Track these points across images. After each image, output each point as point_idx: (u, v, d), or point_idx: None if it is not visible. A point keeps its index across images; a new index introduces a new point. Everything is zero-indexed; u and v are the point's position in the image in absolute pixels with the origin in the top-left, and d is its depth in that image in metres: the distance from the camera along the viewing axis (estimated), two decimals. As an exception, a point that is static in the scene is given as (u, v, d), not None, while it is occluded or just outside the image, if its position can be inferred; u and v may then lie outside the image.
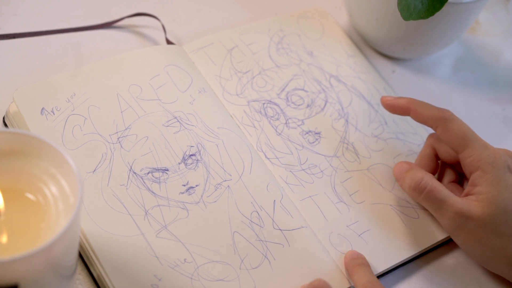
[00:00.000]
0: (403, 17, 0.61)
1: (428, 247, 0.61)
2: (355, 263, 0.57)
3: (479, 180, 0.58)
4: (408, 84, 0.74)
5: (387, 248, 0.60)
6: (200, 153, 0.61)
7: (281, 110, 0.67)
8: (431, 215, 0.63)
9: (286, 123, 0.66)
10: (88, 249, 0.54)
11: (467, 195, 0.59)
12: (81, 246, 0.55)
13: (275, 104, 0.67)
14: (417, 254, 0.61)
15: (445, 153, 0.63)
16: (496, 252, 0.58)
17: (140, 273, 0.54)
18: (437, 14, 0.61)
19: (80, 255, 0.55)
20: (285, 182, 0.62)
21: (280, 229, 0.59)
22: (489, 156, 0.59)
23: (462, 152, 0.60)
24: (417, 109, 0.62)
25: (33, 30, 0.68)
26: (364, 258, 0.58)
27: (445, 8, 0.62)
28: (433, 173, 0.64)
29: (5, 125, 0.61)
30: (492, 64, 0.78)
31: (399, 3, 0.61)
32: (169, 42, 0.70)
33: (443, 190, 0.59)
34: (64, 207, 0.46)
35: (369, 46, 0.75)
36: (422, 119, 0.62)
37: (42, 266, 0.44)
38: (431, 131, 0.69)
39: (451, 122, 0.61)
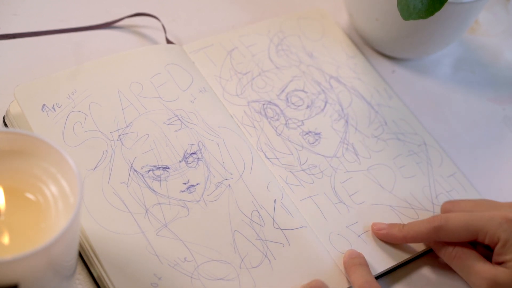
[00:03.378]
0: (402, 16, 0.61)
1: (428, 248, 0.61)
2: (353, 263, 0.57)
3: (503, 250, 0.57)
4: (408, 84, 0.74)
5: (387, 249, 0.60)
6: (201, 152, 0.61)
7: (281, 110, 0.67)
8: (431, 215, 0.62)
9: (286, 123, 0.66)
10: (88, 248, 0.54)
11: (495, 263, 0.58)
12: (80, 246, 0.55)
13: (275, 105, 0.67)
14: (417, 255, 0.61)
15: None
16: None
17: (140, 271, 0.54)
18: (437, 14, 0.61)
19: (80, 255, 0.55)
20: (285, 182, 0.62)
21: (280, 229, 0.59)
22: (501, 224, 0.57)
23: (478, 238, 0.58)
24: (409, 233, 0.60)
25: (33, 30, 0.68)
26: (362, 258, 0.58)
27: (445, 8, 0.62)
28: None
29: (5, 125, 0.61)
30: (492, 64, 0.78)
31: (398, 3, 0.61)
32: (169, 42, 0.70)
33: (471, 256, 0.58)
34: (64, 207, 0.46)
35: (369, 46, 0.75)
36: (420, 239, 0.60)
37: (42, 266, 0.43)
38: (433, 131, 0.69)
39: (446, 223, 0.58)
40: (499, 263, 0.58)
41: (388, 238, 0.61)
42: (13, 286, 0.43)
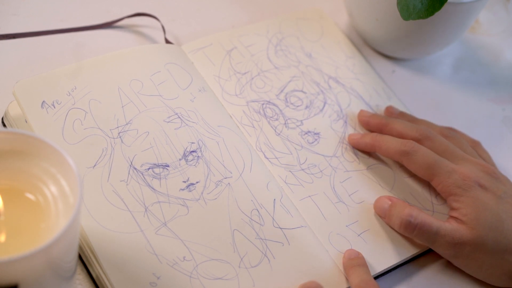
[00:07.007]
0: (402, 17, 0.62)
1: (428, 247, 0.61)
2: (352, 264, 0.57)
3: (456, 204, 0.59)
4: (408, 84, 0.74)
5: (387, 248, 0.60)
6: (201, 150, 0.61)
7: (280, 110, 0.67)
8: (431, 215, 0.63)
9: (285, 123, 0.66)
10: (86, 248, 0.54)
11: (451, 218, 0.60)
12: (79, 246, 0.55)
13: (274, 104, 0.67)
14: (417, 254, 0.61)
15: None
16: (494, 270, 0.59)
17: (139, 271, 0.53)
18: (437, 14, 0.61)
19: (79, 254, 0.55)
20: (285, 182, 0.62)
21: (280, 228, 0.59)
22: (457, 180, 0.60)
23: (432, 181, 0.61)
24: (381, 146, 0.63)
25: (33, 30, 0.68)
26: (361, 258, 0.58)
27: (445, 8, 0.62)
28: None
29: (4, 126, 0.61)
30: (492, 64, 0.78)
31: (398, 3, 0.61)
32: (168, 42, 0.70)
33: (433, 222, 0.59)
34: (64, 207, 0.46)
35: (369, 46, 0.76)
36: (387, 155, 0.63)
37: (42, 267, 0.43)
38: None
39: (414, 154, 0.61)
40: (451, 217, 0.59)
41: (359, 144, 0.65)
42: (13, 286, 0.43)
